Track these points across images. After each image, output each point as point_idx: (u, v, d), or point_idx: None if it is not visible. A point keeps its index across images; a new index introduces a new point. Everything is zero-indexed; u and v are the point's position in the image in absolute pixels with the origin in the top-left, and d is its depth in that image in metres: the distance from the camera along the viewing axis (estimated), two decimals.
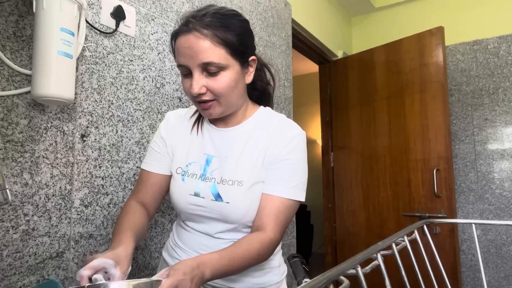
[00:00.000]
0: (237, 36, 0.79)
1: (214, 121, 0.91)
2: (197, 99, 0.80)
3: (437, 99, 2.20)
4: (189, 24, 0.77)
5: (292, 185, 0.82)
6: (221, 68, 0.77)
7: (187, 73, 0.80)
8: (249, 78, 0.85)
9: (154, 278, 0.60)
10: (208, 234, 0.86)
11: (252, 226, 0.82)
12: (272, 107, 0.96)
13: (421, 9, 2.79)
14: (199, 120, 0.93)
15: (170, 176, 0.92)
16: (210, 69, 0.77)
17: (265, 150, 0.84)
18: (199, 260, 0.66)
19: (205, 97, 0.79)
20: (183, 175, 0.88)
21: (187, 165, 0.88)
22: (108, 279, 0.64)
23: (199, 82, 0.77)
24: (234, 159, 0.84)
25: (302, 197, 0.84)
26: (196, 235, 0.88)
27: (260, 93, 0.95)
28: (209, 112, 0.82)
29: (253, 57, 0.85)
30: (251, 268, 0.83)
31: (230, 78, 0.78)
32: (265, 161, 0.83)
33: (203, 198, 0.84)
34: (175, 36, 0.80)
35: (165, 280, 0.58)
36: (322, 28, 2.54)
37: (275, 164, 0.83)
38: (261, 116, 0.90)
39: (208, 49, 0.75)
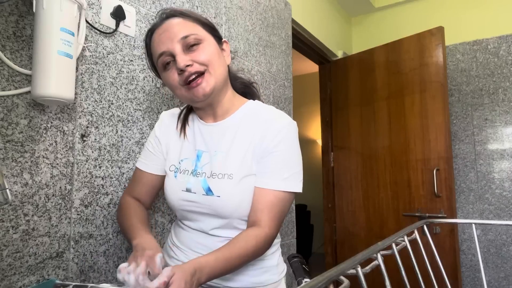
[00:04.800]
0: (206, 19, 0.87)
1: (203, 116, 0.91)
2: (185, 75, 0.80)
3: (437, 99, 2.20)
4: (162, 16, 0.85)
5: (284, 176, 0.81)
6: (199, 40, 0.81)
7: (169, 60, 0.82)
8: (227, 59, 0.89)
9: (153, 284, 0.60)
10: (203, 231, 0.86)
11: (248, 222, 0.82)
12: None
13: (421, 9, 2.79)
14: (190, 118, 0.94)
15: (163, 176, 0.94)
16: (189, 42, 0.80)
17: (254, 142, 0.83)
18: (196, 264, 0.66)
19: (194, 69, 0.80)
20: (175, 172, 0.89)
21: (179, 162, 0.90)
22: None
23: (184, 57, 0.80)
24: (224, 152, 0.84)
25: (297, 188, 0.83)
26: (192, 234, 0.88)
27: (244, 88, 0.97)
28: (202, 88, 0.80)
29: (224, 40, 0.90)
30: (248, 267, 0.84)
31: (210, 47, 0.83)
32: (255, 153, 0.83)
33: (195, 193, 0.84)
34: (150, 34, 0.86)
35: None
36: (322, 28, 2.54)
37: (265, 157, 0.82)
38: (250, 108, 0.90)
39: (183, 26, 0.81)
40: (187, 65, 0.79)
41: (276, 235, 0.82)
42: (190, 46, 0.80)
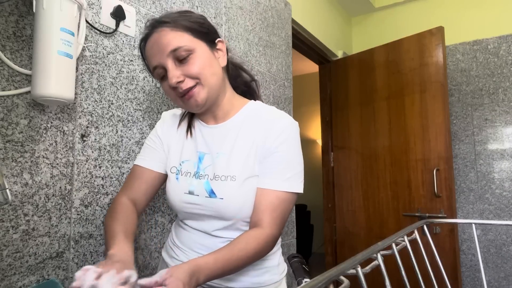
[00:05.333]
0: (196, 22, 0.83)
1: (205, 118, 0.91)
2: (179, 90, 0.81)
3: (437, 99, 2.20)
4: (151, 27, 0.82)
5: (286, 177, 0.81)
6: (189, 51, 0.79)
7: (163, 73, 0.82)
8: (222, 60, 0.87)
9: (146, 281, 0.58)
10: (205, 232, 0.86)
11: (250, 222, 0.82)
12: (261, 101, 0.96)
13: (421, 9, 2.79)
14: (191, 119, 0.94)
15: (164, 175, 0.93)
16: (180, 55, 0.79)
17: (257, 143, 0.83)
18: (195, 265, 0.65)
19: (185, 85, 0.80)
20: (177, 174, 0.88)
21: (180, 164, 0.89)
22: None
23: (175, 72, 0.79)
24: (226, 154, 0.84)
25: (299, 189, 0.82)
26: (193, 234, 0.88)
27: (244, 87, 0.96)
28: (194, 100, 0.82)
29: (219, 39, 0.87)
30: (248, 268, 0.83)
31: (201, 58, 0.81)
32: (257, 154, 0.82)
33: (198, 195, 0.83)
34: (143, 45, 0.85)
35: None
36: (322, 28, 2.54)
37: (267, 157, 0.82)
38: (251, 109, 0.90)
39: (171, 38, 0.79)
40: (179, 82, 0.80)
41: (279, 235, 0.82)
42: (181, 59, 0.80)
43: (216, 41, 0.86)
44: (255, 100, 0.95)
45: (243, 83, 0.96)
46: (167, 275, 0.59)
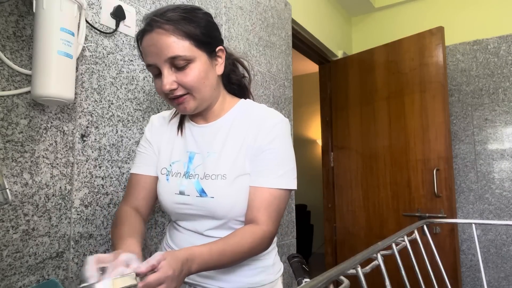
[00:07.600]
0: (200, 27, 0.79)
1: (195, 118, 0.90)
2: (170, 96, 0.80)
3: (437, 99, 2.20)
4: (152, 22, 0.77)
5: (278, 174, 0.80)
6: (188, 60, 0.77)
7: (157, 73, 0.80)
8: (219, 69, 0.85)
9: (140, 268, 0.59)
10: (198, 232, 0.85)
11: (245, 221, 0.82)
12: (252, 100, 0.95)
13: (421, 9, 2.79)
14: (181, 119, 0.93)
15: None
16: (177, 63, 0.76)
17: (247, 141, 0.82)
18: (189, 253, 0.66)
19: (178, 92, 0.79)
20: (167, 175, 0.87)
21: (170, 165, 0.88)
22: None
23: (169, 78, 0.77)
24: (217, 153, 0.84)
25: (292, 185, 0.82)
26: (186, 235, 0.87)
27: (237, 86, 0.95)
28: (183, 107, 0.81)
29: (220, 47, 0.84)
30: (243, 268, 0.83)
31: (199, 69, 0.78)
32: (248, 152, 0.82)
33: (188, 195, 0.83)
34: (139, 37, 0.81)
35: (152, 274, 0.58)
36: (322, 28, 2.54)
37: (258, 155, 0.81)
38: (241, 108, 0.89)
39: (172, 43, 0.75)
40: (172, 89, 0.78)
41: (275, 233, 0.81)
42: (178, 67, 0.77)
43: (217, 49, 0.84)
44: (245, 98, 0.94)
45: (236, 81, 0.94)
46: (162, 258, 0.60)
